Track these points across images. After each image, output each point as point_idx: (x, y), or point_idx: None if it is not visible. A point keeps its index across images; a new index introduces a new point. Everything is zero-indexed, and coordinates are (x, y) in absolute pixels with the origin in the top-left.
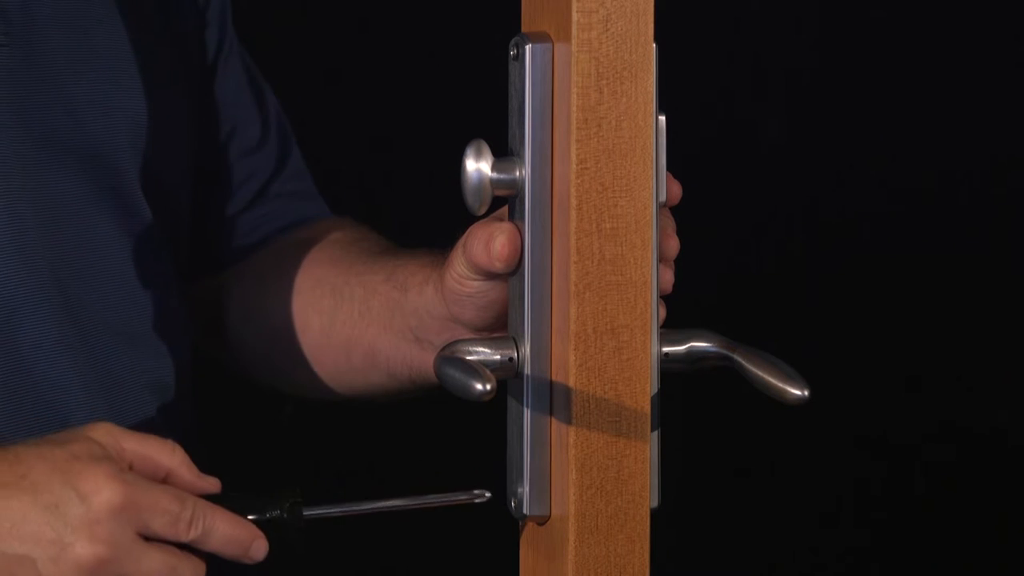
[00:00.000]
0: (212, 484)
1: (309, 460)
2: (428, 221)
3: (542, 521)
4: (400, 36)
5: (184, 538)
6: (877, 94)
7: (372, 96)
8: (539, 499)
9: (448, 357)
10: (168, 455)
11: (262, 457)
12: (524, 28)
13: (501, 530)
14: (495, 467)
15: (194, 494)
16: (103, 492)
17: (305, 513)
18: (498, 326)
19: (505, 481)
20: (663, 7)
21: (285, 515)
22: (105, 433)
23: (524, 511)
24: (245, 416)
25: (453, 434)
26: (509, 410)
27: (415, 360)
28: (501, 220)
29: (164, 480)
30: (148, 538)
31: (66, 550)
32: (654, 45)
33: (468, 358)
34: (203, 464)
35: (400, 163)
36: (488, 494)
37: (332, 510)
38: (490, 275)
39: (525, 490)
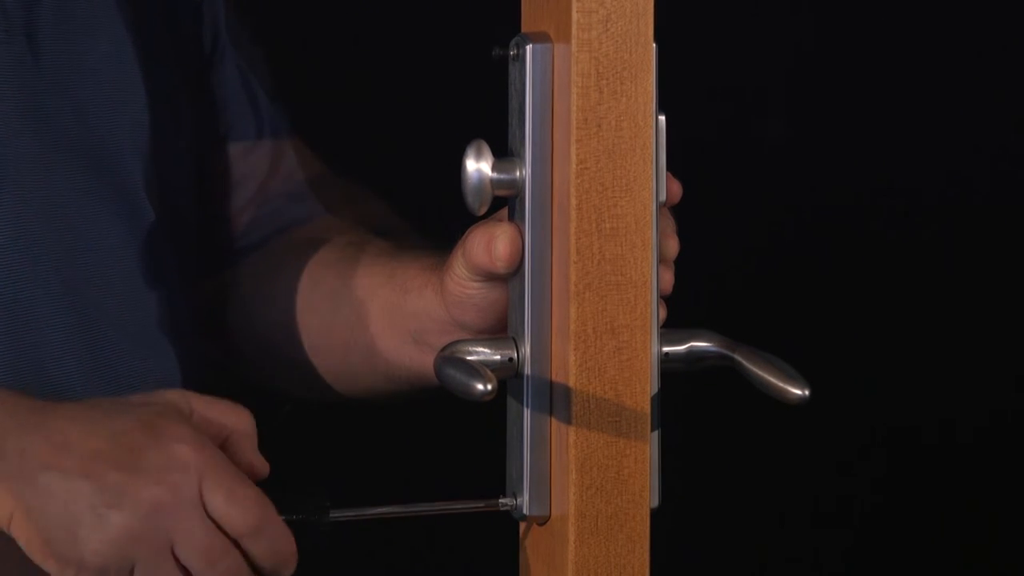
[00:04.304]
0: (262, 466)
1: (307, 459)
2: (428, 221)
3: (542, 521)
4: (400, 36)
5: (236, 527)
6: (877, 94)
7: (372, 96)
8: (539, 499)
9: (448, 357)
10: (234, 419)
11: (262, 445)
12: (524, 28)
13: (501, 530)
14: (495, 467)
15: (241, 469)
16: (181, 444)
17: (332, 516)
18: (499, 328)
19: (505, 481)
20: (663, 7)
21: (313, 517)
22: (179, 395)
23: (524, 511)
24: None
25: (453, 434)
26: (509, 410)
27: (414, 362)
28: (499, 221)
29: (224, 444)
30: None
31: (129, 489)
32: (654, 45)
33: (468, 358)
34: None
35: (400, 163)
36: (512, 502)
37: (359, 513)
38: (491, 277)
39: (525, 490)
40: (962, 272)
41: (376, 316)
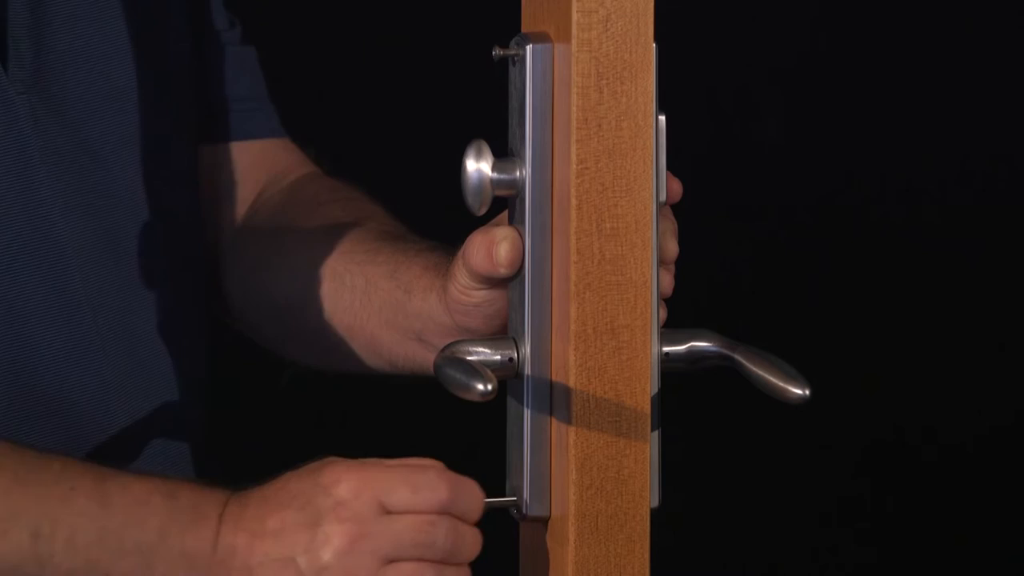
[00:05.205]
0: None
1: (307, 456)
2: (428, 221)
3: (542, 521)
4: (400, 36)
5: (431, 505)
6: (876, 94)
7: (372, 96)
8: (539, 499)
9: (449, 357)
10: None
11: (259, 450)
12: (524, 28)
13: (501, 530)
14: (495, 467)
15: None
16: (343, 481)
17: None
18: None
19: (505, 481)
20: (663, 7)
21: None
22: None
23: (524, 511)
24: (244, 394)
25: (453, 434)
26: (509, 410)
27: (418, 356)
28: (498, 226)
29: None
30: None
31: (318, 536)
32: (654, 45)
33: (469, 358)
34: (210, 464)
35: (400, 163)
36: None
37: None
38: (493, 282)
39: (525, 490)
40: (963, 271)
41: (378, 308)
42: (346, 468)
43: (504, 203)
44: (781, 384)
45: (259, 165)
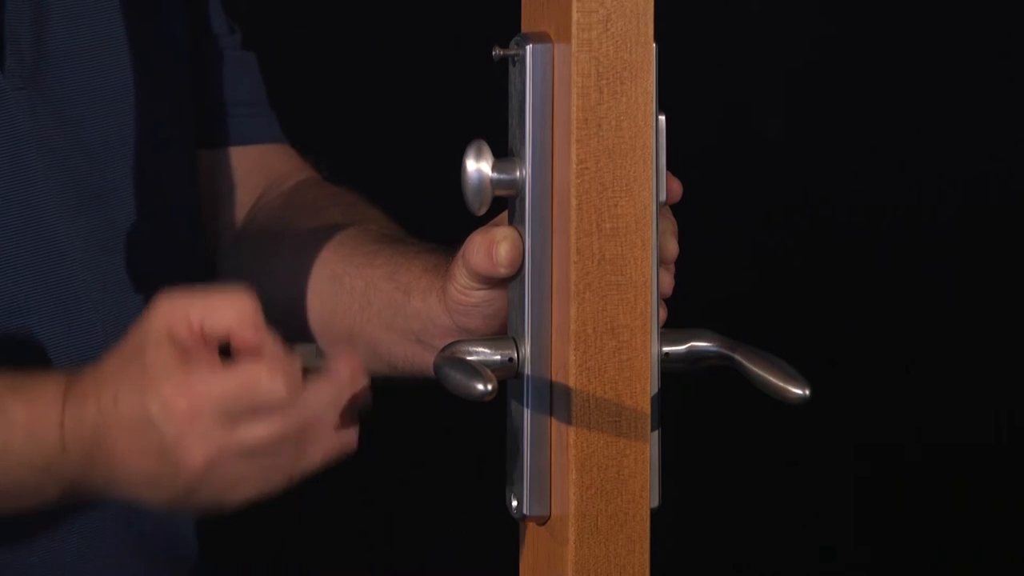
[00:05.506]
0: (270, 343)
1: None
2: (428, 221)
3: (542, 521)
4: (400, 36)
5: (272, 405)
6: (877, 94)
7: (372, 96)
8: (539, 499)
9: (449, 357)
10: (232, 313)
11: None
12: (524, 28)
13: (501, 530)
14: (495, 467)
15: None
16: (179, 407)
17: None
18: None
19: (505, 481)
20: (663, 7)
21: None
22: (172, 311)
23: (524, 511)
24: None
25: (453, 434)
26: (509, 410)
27: (417, 358)
28: (498, 226)
29: (229, 336)
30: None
31: (174, 467)
32: (654, 45)
33: (469, 358)
34: None
35: (400, 163)
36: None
37: None
38: (493, 282)
39: (525, 490)
40: (965, 271)
41: (378, 310)
42: (182, 388)
43: (504, 203)
44: (781, 384)
45: (258, 170)
